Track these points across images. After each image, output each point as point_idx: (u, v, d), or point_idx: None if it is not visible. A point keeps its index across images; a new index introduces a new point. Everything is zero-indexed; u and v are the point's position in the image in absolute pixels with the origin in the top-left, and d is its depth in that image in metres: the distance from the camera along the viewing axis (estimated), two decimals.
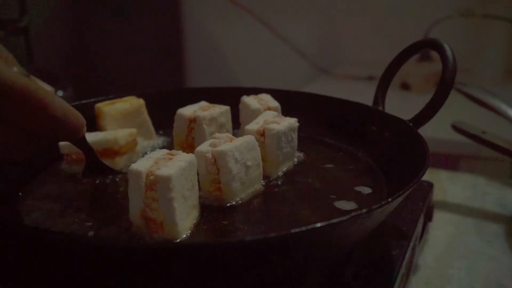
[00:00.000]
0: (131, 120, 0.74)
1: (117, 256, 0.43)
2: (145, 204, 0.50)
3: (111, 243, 0.44)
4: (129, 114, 0.73)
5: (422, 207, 0.68)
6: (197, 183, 0.54)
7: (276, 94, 0.78)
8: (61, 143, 0.67)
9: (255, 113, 0.71)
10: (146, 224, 0.51)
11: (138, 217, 0.51)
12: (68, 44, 1.80)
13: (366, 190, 0.63)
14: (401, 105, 1.30)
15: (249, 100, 0.76)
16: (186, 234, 0.52)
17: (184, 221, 0.51)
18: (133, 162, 0.51)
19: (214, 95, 0.76)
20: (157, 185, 0.49)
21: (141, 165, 0.50)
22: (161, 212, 0.49)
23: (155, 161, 0.51)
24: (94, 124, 0.73)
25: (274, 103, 0.75)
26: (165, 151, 0.54)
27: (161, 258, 0.42)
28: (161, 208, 0.49)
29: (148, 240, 0.50)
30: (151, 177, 0.49)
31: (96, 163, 0.62)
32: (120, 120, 0.72)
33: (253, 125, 0.65)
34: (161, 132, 0.79)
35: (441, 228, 0.80)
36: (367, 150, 0.73)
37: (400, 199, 0.49)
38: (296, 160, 0.70)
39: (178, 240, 0.50)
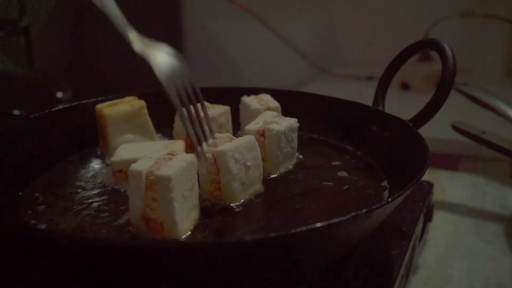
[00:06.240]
0: (132, 122, 0.73)
1: (117, 256, 0.43)
2: (145, 204, 0.50)
3: (111, 243, 0.44)
4: (130, 116, 0.73)
5: (422, 207, 0.68)
6: (197, 183, 0.54)
7: (276, 94, 0.78)
8: (115, 160, 0.62)
9: (255, 113, 0.71)
10: (146, 224, 0.51)
11: (138, 217, 0.51)
12: (69, 44, 1.80)
13: (366, 189, 0.63)
14: (401, 105, 1.30)
15: (249, 100, 0.75)
16: (186, 234, 0.52)
17: (184, 221, 0.51)
18: None
19: (214, 95, 0.76)
20: (157, 185, 0.49)
21: (141, 165, 0.50)
22: (161, 212, 0.49)
23: (155, 161, 0.51)
24: (95, 125, 0.73)
25: (274, 103, 0.75)
26: (165, 151, 0.54)
27: (161, 258, 0.42)
28: (161, 208, 0.49)
29: (148, 240, 0.50)
30: (151, 177, 0.49)
31: None
32: (121, 122, 0.72)
33: (253, 125, 0.66)
34: (161, 132, 0.79)
35: (441, 228, 0.80)
36: (367, 150, 0.73)
37: (400, 199, 0.49)
38: (296, 160, 0.70)
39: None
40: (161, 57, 0.52)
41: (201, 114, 0.50)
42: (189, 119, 0.49)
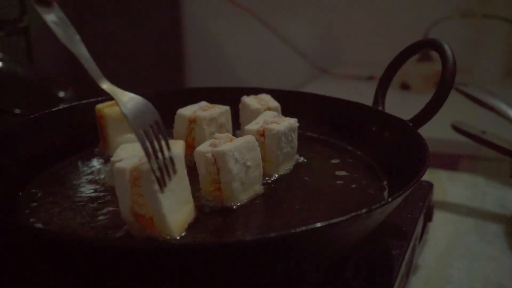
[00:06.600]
0: None
1: (116, 256, 0.43)
2: (133, 201, 0.50)
3: (110, 244, 0.44)
4: None
5: (422, 207, 0.68)
6: (186, 178, 0.54)
7: (276, 94, 0.78)
8: (115, 160, 0.60)
9: (255, 113, 0.71)
10: (138, 221, 0.51)
11: (129, 214, 0.51)
12: None
13: (366, 189, 0.63)
14: (401, 105, 1.30)
15: (249, 100, 0.75)
16: (181, 231, 0.51)
17: (174, 215, 0.51)
18: None
19: (214, 95, 0.76)
20: (140, 180, 0.49)
21: (126, 163, 0.50)
22: (149, 207, 0.49)
23: (140, 158, 0.51)
24: (95, 125, 0.73)
25: (274, 103, 0.75)
26: None
27: (161, 258, 0.42)
28: (147, 202, 0.49)
29: (148, 240, 0.50)
30: (134, 173, 0.49)
31: None
32: (121, 122, 0.72)
33: (253, 125, 0.66)
34: None
35: (441, 228, 0.80)
36: (367, 150, 0.73)
37: (400, 199, 0.49)
38: (296, 160, 0.70)
39: (177, 238, 0.51)
40: (128, 95, 0.54)
41: (166, 152, 0.51)
42: (154, 155, 0.50)
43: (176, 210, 0.51)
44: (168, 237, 0.50)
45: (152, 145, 0.50)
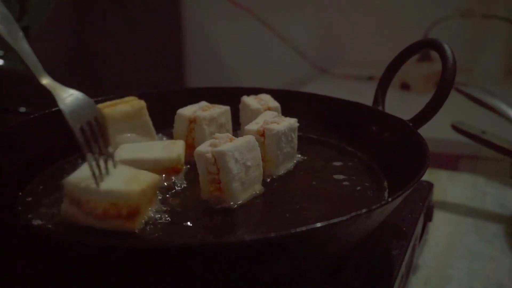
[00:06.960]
0: (132, 122, 0.73)
1: (115, 257, 0.43)
2: (88, 210, 0.51)
3: (110, 244, 0.44)
4: (130, 116, 0.73)
5: (422, 207, 0.68)
6: (127, 167, 0.55)
7: (276, 94, 0.78)
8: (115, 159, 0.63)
9: (255, 113, 0.71)
10: (113, 218, 0.51)
11: (101, 221, 0.51)
12: (68, 44, 1.80)
13: (366, 190, 0.63)
14: (401, 105, 1.30)
15: (249, 100, 0.76)
16: (148, 189, 0.51)
17: (129, 184, 0.50)
18: None
19: (214, 95, 0.76)
20: (76, 191, 0.51)
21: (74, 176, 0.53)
22: (100, 200, 0.50)
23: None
24: None
25: (274, 103, 0.75)
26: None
27: (160, 258, 0.42)
28: (96, 200, 0.50)
29: (148, 240, 0.50)
30: (68, 189, 0.52)
31: None
32: (121, 122, 0.72)
33: (253, 125, 0.66)
34: (161, 132, 0.79)
35: (441, 228, 0.80)
36: (367, 150, 0.73)
37: (400, 199, 0.49)
38: (296, 160, 0.70)
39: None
40: (68, 91, 0.54)
41: (104, 149, 0.52)
42: (91, 151, 0.51)
43: (129, 181, 0.51)
44: (137, 203, 0.50)
45: (88, 142, 0.51)
